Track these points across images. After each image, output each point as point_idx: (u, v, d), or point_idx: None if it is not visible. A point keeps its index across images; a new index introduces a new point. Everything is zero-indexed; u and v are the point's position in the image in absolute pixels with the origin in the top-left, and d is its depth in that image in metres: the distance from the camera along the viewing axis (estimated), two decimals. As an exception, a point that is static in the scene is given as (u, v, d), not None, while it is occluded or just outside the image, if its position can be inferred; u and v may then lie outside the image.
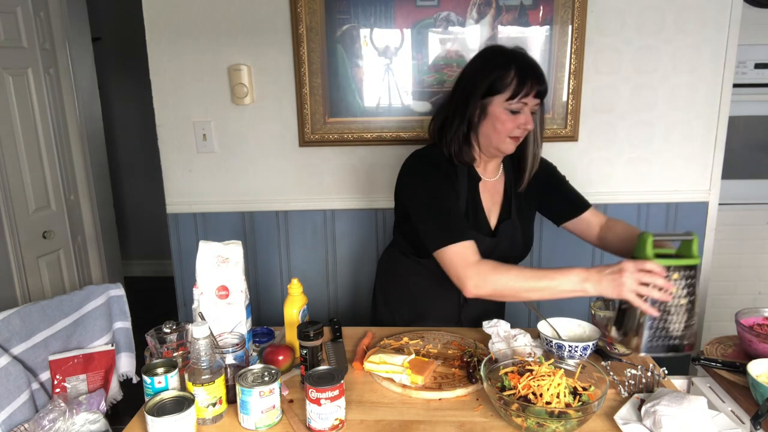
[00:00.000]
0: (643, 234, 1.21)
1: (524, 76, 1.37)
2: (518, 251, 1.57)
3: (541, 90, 1.39)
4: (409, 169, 1.49)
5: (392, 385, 1.27)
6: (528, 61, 1.41)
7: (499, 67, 1.39)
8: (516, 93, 1.37)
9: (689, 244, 1.20)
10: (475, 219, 1.51)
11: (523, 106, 1.39)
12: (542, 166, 1.59)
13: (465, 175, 1.49)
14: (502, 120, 1.40)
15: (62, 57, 2.73)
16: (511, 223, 1.54)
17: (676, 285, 1.18)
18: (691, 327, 1.21)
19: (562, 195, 1.62)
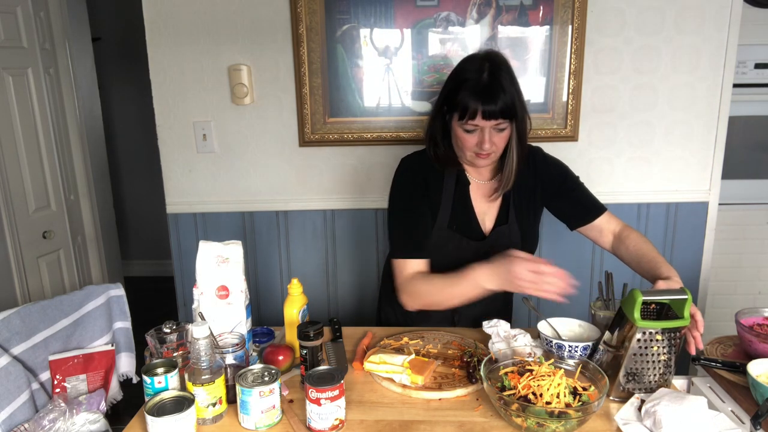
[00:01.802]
0: (634, 292, 1.18)
1: (470, 97, 1.30)
2: None
3: (488, 111, 1.30)
4: (394, 174, 1.52)
5: (392, 385, 1.27)
6: (483, 79, 1.31)
7: (455, 83, 1.35)
8: (463, 115, 1.32)
9: (682, 302, 1.18)
10: (464, 223, 1.49)
11: (476, 125, 1.33)
12: (555, 168, 1.56)
13: (453, 180, 1.48)
14: (461, 137, 1.37)
15: (62, 57, 2.73)
16: (507, 228, 1.51)
17: (658, 344, 1.18)
18: (666, 377, 1.22)
19: (574, 199, 1.57)
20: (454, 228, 1.47)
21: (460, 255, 1.46)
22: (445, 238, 1.47)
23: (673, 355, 1.20)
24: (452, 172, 1.49)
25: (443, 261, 1.47)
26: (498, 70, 1.33)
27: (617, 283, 1.48)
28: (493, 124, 1.33)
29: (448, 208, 1.47)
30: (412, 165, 1.50)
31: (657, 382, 1.21)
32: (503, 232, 1.50)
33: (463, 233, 1.48)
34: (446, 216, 1.47)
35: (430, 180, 1.48)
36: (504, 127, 1.35)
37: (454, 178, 1.49)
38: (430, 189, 1.47)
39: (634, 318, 1.16)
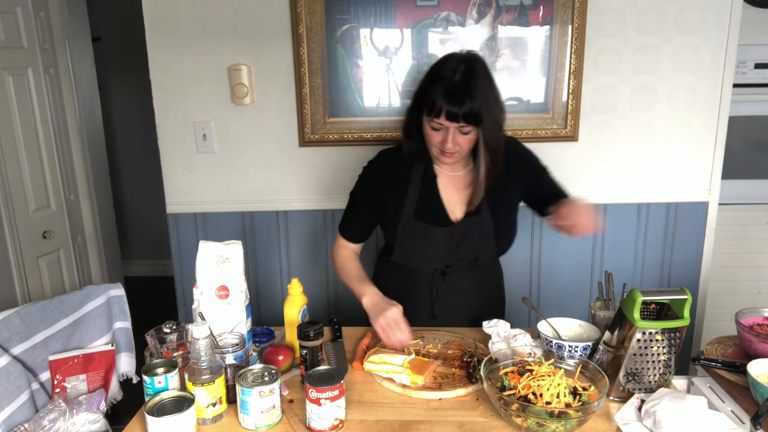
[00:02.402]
0: (633, 292, 1.18)
1: (439, 96, 1.33)
2: (491, 245, 1.55)
3: (452, 112, 1.32)
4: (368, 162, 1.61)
5: (392, 385, 1.27)
6: (455, 80, 1.33)
7: (429, 79, 1.39)
8: (430, 111, 1.36)
9: (682, 302, 1.19)
10: (430, 212, 1.52)
11: (441, 124, 1.36)
12: (528, 160, 1.58)
13: (420, 173, 1.53)
14: (428, 133, 1.42)
15: (62, 57, 2.73)
16: (479, 218, 1.52)
17: (658, 344, 1.18)
18: (666, 377, 1.22)
19: (546, 187, 1.58)
20: (420, 217, 1.51)
21: (430, 242, 1.51)
22: (413, 227, 1.52)
23: (673, 355, 1.20)
24: (420, 165, 1.53)
25: (414, 248, 1.53)
26: (472, 74, 1.34)
27: (617, 283, 1.48)
28: (456, 125, 1.35)
29: (415, 198, 1.52)
30: (381, 161, 1.58)
31: (657, 382, 1.21)
32: (475, 222, 1.52)
33: (430, 221, 1.51)
34: (412, 206, 1.52)
35: (396, 174, 1.54)
36: (468, 131, 1.37)
37: (421, 171, 1.53)
38: (396, 183, 1.53)
39: (633, 318, 1.16)
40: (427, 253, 1.53)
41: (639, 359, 1.19)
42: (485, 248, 1.54)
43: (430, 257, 1.54)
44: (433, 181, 1.53)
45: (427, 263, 1.55)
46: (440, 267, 1.55)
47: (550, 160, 2.11)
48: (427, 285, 1.56)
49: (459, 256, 1.53)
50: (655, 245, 2.21)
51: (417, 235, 1.52)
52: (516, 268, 2.24)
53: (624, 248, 2.21)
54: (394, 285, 1.58)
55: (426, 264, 1.55)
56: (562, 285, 2.25)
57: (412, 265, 1.57)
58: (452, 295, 1.57)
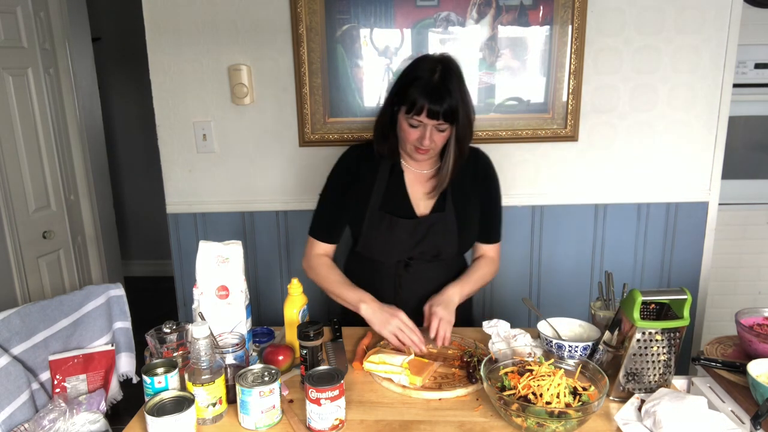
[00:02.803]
0: (633, 292, 1.19)
1: (419, 94, 1.38)
2: (453, 243, 1.58)
3: (433, 110, 1.38)
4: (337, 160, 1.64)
5: (392, 385, 1.27)
6: (434, 80, 1.39)
7: (407, 78, 1.43)
8: (410, 109, 1.40)
9: (682, 302, 1.19)
10: (395, 204, 1.57)
11: (420, 121, 1.41)
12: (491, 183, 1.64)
13: (388, 169, 1.58)
14: (404, 130, 1.45)
15: (62, 57, 2.73)
16: (444, 215, 1.56)
17: (657, 344, 1.18)
18: (666, 377, 1.22)
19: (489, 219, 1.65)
20: (386, 210, 1.55)
21: (392, 234, 1.55)
22: (378, 220, 1.55)
23: (673, 355, 1.20)
24: (388, 162, 1.58)
25: (378, 239, 1.57)
26: (449, 74, 1.41)
27: (617, 283, 1.48)
28: (435, 123, 1.41)
29: (381, 192, 1.56)
30: (349, 157, 1.62)
31: (657, 382, 1.21)
32: (439, 218, 1.56)
33: (394, 213, 1.55)
34: (378, 199, 1.56)
35: (363, 170, 1.58)
36: (444, 128, 1.44)
37: (388, 167, 1.58)
38: (363, 178, 1.57)
39: (633, 318, 1.16)
40: (390, 245, 1.56)
41: (639, 359, 1.19)
42: (448, 244, 1.57)
43: (394, 249, 1.57)
44: (400, 177, 1.58)
45: (391, 255, 1.59)
46: (403, 259, 1.59)
47: (550, 160, 2.13)
48: (391, 276, 1.60)
49: (422, 249, 1.57)
50: (655, 245, 2.21)
51: (382, 227, 1.55)
52: (516, 268, 2.24)
53: (624, 248, 2.21)
54: (359, 275, 1.61)
55: (389, 256, 1.59)
56: (562, 285, 2.25)
57: (376, 256, 1.60)
58: (415, 286, 1.60)
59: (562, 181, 2.15)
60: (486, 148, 2.10)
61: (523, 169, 2.14)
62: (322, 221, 1.63)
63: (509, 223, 2.19)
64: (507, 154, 2.11)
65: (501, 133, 2.08)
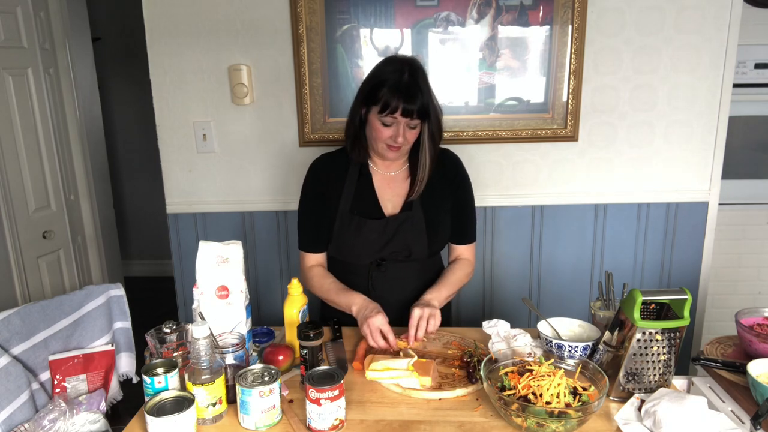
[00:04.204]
0: (633, 292, 1.19)
1: (392, 94, 1.42)
2: (423, 242, 1.59)
3: (408, 108, 1.42)
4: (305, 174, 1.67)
5: (392, 385, 1.26)
6: (404, 79, 1.43)
7: (378, 80, 1.46)
8: (384, 108, 1.43)
9: (682, 302, 1.19)
10: (364, 206, 1.59)
11: (393, 119, 1.45)
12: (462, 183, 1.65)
13: (356, 172, 1.61)
14: (377, 129, 1.48)
15: (62, 57, 2.73)
16: (411, 214, 1.58)
17: (658, 344, 1.18)
18: (666, 377, 1.22)
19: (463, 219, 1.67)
20: (355, 212, 1.58)
21: (364, 235, 1.57)
22: (348, 221, 1.58)
23: (673, 355, 1.20)
24: (356, 166, 1.61)
25: (347, 243, 1.59)
26: (416, 74, 1.46)
27: (617, 283, 1.48)
28: (407, 120, 1.45)
29: (350, 195, 1.59)
30: (318, 166, 1.65)
31: (657, 382, 1.21)
32: (407, 217, 1.58)
33: (363, 215, 1.58)
34: (348, 202, 1.59)
35: (332, 176, 1.61)
36: (416, 125, 1.48)
37: (357, 170, 1.61)
38: (333, 183, 1.61)
39: (633, 318, 1.16)
40: (361, 246, 1.58)
41: (639, 359, 1.19)
42: (417, 243, 1.59)
43: (364, 249, 1.59)
44: (368, 179, 1.61)
45: (362, 256, 1.60)
46: (375, 260, 1.60)
47: (550, 160, 2.13)
48: (364, 277, 1.61)
49: (392, 249, 1.58)
50: (655, 245, 2.21)
51: (351, 228, 1.58)
52: (516, 268, 2.24)
53: (624, 248, 2.21)
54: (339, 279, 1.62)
55: (360, 257, 1.60)
56: (562, 285, 2.25)
57: (348, 258, 1.62)
58: (388, 286, 1.62)
59: (562, 181, 2.15)
60: (486, 148, 2.11)
61: (523, 169, 2.14)
62: (306, 233, 1.65)
63: (509, 223, 2.19)
64: (507, 154, 2.11)
65: (501, 133, 2.08)
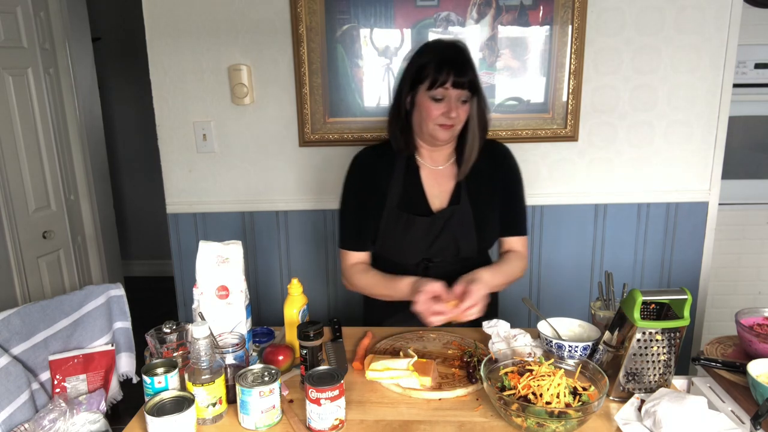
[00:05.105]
0: (633, 292, 1.18)
1: (441, 66, 1.41)
2: (471, 237, 1.55)
3: (458, 81, 1.41)
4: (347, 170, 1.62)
5: (392, 384, 1.26)
6: (450, 52, 1.44)
7: (422, 58, 1.45)
8: (434, 81, 1.41)
9: (682, 302, 1.19)
10: (412, 202, 1.56)
11: (444, 93, 1.42)
12: (513, 172, 1.62)
13: (403, 164, 1.57)
14: (427, 108, 1.45)
15: (62, 57, 2.73)
16: (459, 208, 1.54)
17: (658, 344, 1.18)
18: (666, 377, 1.22)
19: (514, 210, 1.62)
20: (403, 207, 1.55)
21: (411, 232, 1.54)
22: (395, 218, 1.54)
23: (673, 355, 1.20)
24: (403, 159, 1.57)
25: (395, 240, 1.55)
26: (464, 51, 1.46)
27: (617, 283, 1.48)
28: (459, 93, 1.43)
29: (398, 190, 1.56)
30: (363, 159, 1.60)
31: (657, 382, 1.21)
32: (454, 211, 1.54)
33: (411, 211, 1.54)
34: (396, 197, 1.55)
35: (379, 169, 1.57)
36: (466, 100, 1.45)
37: (404, 163, 1.57)
38: (380, 177, 1.56)
39: (634, 318, 1.16)
40: (408, 244, 1.55)
41: (639, 359, 1.19)
42: (465, 238, 1.55)
43: (412, 248, 1.55)
44: (416, 174, 1.57)
45: (409, 254, 1.57)
46: (422, 260, 1.56)
47: (550, 160, 2.13)
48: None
49: (440, 246, 1.54)
50: (655, 245, 2.21)
51: (399, 226, 1.54)
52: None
53: (624, 248, 2.21)
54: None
55: (407, 255, 1.57)
56: (562, 285, 2.25)
57: (394, 257, 1.58)
58: None
59: (562, 181, 2.15)
60: (486, 148, 2.11)
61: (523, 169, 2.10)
62: (350, 230, 1.60)
63: (509, 223, 2.19)
64: (507, 154, 2.11)
65: (501, 133, 2.08)
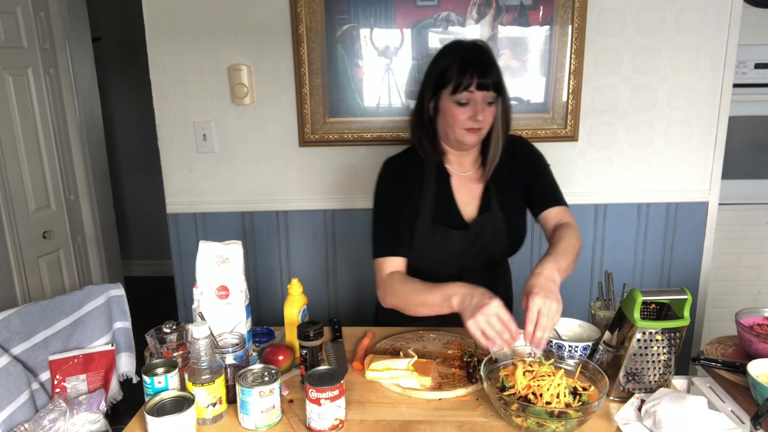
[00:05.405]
0: (633, 292, 1.19)
1: (464, 68, 1.37)
2: (504, 243, 1.55)
3: (483, 82, 1.37)
4: (378, 175, 1.56)
5: (392, 384, 1.26)
6: (472, 53, 1.40)
7: (444, 62, 1.42)
8: (457, 85, 1.38)
9: (682, 302, 1.19)
10: (446, 214, 1.52)
11: (469, 97, 1.39)
12: (531, 152, 1.59)
13: (434, 173, 1.52)
14: (452, 113, 1.41)
15: (62, 57, 2.73)
16: (490, 215, 1.52)
17: (658, 344, 1.18)
18: (666, 377, 1.22)
19: (543, 184, 1.58)
20: (437, 220, 1.51)
21: (445, 245, 1.51)
22: (430, 232, 1.51)
23: (673, 355, 1.20)
24: (432, 166, 1.52)
25: (430, 253, 1.51)
26: (487, 51, 1.43)
27: (617, 283, 1.48)
28: (484, 95, 1.39)
29: (431, 201, 1.52)
30: (396, 165, 1.55)
31: (657, 382, 1.21)
32: (486, 219, 1.52)
33: (446, 224, 1.51)
34: (429, 210, 1.51)
35: (410, 176, 1.52)
36: (492, 102, 1.42)
37: (434, 172, 1.52)
38: (412, 185, 1.52)
39: (634, 318, 1.16)
40: (443, 256, 1.52)
41: (639, 359, 1.19)
42: (498, 245, 1.54)
43: (446, 260, 1.52)
44: (446, 182, 1.53)
45: (443, 266, 1.53)
46: (456, 270, 1.53)
47: (550, 160, 2.12)
48: None
49: (474, 255, 1.53)
50: (655, 245, 2.21)
51: (434, 239, 1.50)
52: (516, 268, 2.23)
53: (624, 248, 2.21)
54: None
55: (441, 266, 1.53)
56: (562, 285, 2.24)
57: (430, 268, 1.54)
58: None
59: (562, 181, 2.12)
60: (486, 148, 2.11)
61: (523, 169, 2.14)
62: (385, 237, 1.49)
63: (509, 223, 2.19)
64: (507, 154, 2.11)
65: (501, 133, 2.08)
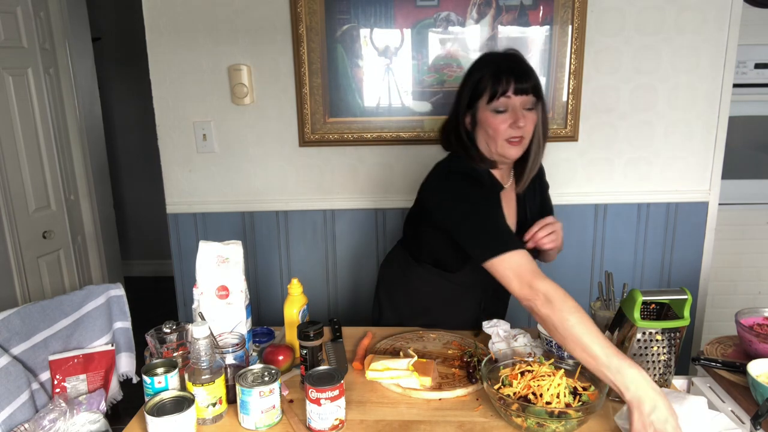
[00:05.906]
0: (633, 292, 1.18)
1: (499, 75, 1.32)
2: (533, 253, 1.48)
3: (520, 87, 1.32)
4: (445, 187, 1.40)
5: (392, 384, 1.26)
6: (506, 61, 1.36)
7: (477, 75, 1.37)
8: (494, 92, 1.33)
9: (682, 302, 1.19)
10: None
11: (507, 103, 1.33)
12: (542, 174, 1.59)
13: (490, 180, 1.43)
14: (491, 123, 1.35)
15: (62, 57, 2.73)
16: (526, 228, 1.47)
17: (658, 344, 1.18)
18: (666, 377, 1.22)
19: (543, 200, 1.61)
20: None
21: None
22: None
23: (673, 355, 1.20)
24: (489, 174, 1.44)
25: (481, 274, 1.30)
26: (520, 57, 1.39)
27: (617, 283, 1.48)
28: (523, 100, 1.33)
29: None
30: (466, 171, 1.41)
31: (657, 382, 1.21)
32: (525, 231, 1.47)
33: None
34: None
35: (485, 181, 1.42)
36: (531, 107, 1.36)
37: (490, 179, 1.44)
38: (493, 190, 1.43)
39: (634, 318, 1.16)
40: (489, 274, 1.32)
41: (639, 359, 1.19)
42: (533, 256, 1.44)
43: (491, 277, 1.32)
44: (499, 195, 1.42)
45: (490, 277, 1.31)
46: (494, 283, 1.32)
47: (550, 160, 2.13)
48: (477, 300, 1.56)
49: None
50: (655, 245, 2.21)
51: None
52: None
53: (624, 248, 2.21)
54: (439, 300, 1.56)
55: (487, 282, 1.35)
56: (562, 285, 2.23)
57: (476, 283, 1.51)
58: (495, 307, 1.61)
59: (562, 181, 2.15)
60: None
61: (523, 169, 2.14)
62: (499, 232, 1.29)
63: (509, 223, 2.19)
64: (507, 154, 2.11)
65: (501, 133, 2.08)
